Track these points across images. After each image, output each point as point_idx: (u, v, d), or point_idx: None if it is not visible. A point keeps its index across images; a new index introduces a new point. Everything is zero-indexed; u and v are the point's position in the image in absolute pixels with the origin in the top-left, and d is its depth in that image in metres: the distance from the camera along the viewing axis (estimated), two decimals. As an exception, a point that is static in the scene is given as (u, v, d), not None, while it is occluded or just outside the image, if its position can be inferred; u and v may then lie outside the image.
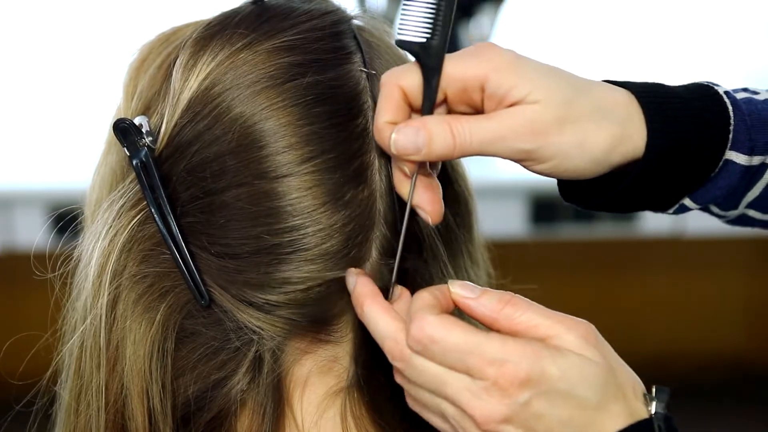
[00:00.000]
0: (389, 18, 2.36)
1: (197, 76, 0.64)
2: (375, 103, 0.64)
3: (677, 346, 2.79)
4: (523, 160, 0.61)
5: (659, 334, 2.78)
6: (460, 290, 0.59)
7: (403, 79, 0.59)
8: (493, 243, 0.77)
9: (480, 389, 0.56)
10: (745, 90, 0.67)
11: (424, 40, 0.59)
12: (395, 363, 0.59)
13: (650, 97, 0.63)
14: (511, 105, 0.59)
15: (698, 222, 2.10)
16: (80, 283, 0.66)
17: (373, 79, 0.65)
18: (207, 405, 0.64)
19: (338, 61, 0.65)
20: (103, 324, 0.64)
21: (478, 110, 0.61)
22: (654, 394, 0.59)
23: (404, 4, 0.60)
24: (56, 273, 0.69)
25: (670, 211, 0.67)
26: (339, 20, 0.68)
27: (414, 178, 0.60)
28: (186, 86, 0.64)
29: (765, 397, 2.73)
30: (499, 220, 2.06)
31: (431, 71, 0.59)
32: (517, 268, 0.80)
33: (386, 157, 0.63)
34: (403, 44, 0.60)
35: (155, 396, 0.63)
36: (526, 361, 0.55)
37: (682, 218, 2.08)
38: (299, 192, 0.62)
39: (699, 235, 2.12)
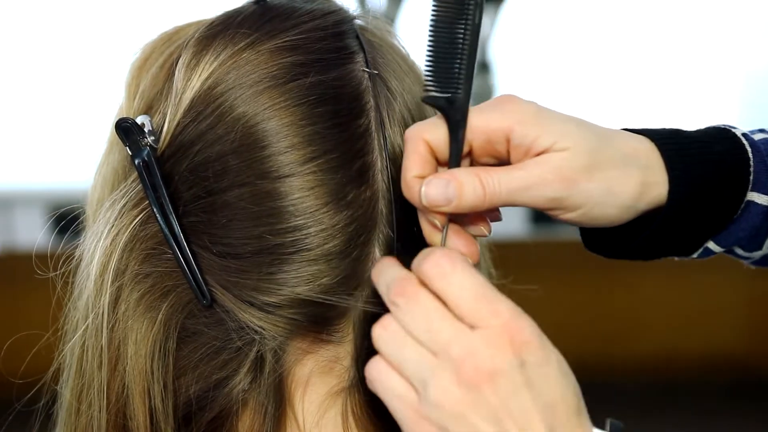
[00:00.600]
0: (390, 18, 2.36)
1: (200, 75, 0.64)
2: (377, 102, 0.64)
3: (677, 347, 2.79)
4: (553, 208, 0.61)
5: (659, 334, 2.78)
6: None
7: (428, 133, 0.60)
8: (493, 243, 0.77)
9: (480, 338, 0.55)
10: (762, 131, 0.69)
11: (449, 95, 0.60)
12: (397, 300, 0.57)
13: (670, 143, 0.64)
14: (539, 154, 0.60)
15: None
16: (82, 282, 0.66)
17: (376, 79, 0.65)
18: (208, 405, 0.64)
19: (341, 61, 0.65)
20: (104, 323, 0.64)
21: (502, 161, 0.62)
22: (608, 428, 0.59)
23: (427, 61, 0.61)
24: (57, 273, 0.69)
25: (695, 255, 0.68)
26: (341, 20, 0.68)
27: (446, 229, 0.61)
28: (188, 86, 0.65)
29: (765, 397, 2.73)
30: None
31: (457, 124, 0.60)
32: (517, 268, 0.80)
33: (389, 156, 0.63)
34: (428, 100, 0.61)
35: (157, 396, 0.63)
36: (533, 327, 0.56)
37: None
38: (301, 192, 0.62)
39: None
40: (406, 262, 0.60)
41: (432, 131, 0.60)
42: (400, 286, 0.57)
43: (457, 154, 0.60)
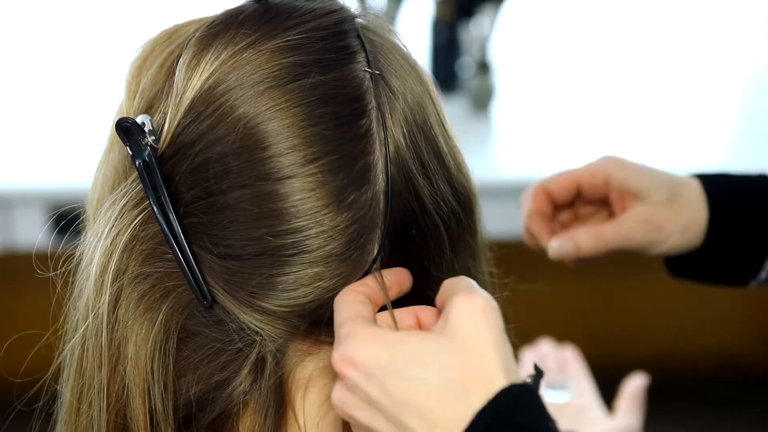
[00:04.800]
0: (390, 17, 2.36)
1: (200, 75, 0.64)
2: (378, 103, 0.64)
3: (677, 346, 2.79)
4: (646, 248, 0.88)
5: (659, 333, 2.78)
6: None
7: (549, 184, 0.89)
8: (493, 243, 0.77)
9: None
10: None
11: None
12: None
13: (714, 184, 0.89)
14: (631, 196, 0.87)
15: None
16: (82, 282, 0.66)
17: (377, 79, 0.65)
18: (209, 406, 0.64)
19: (342, 61, 0.64)
20: (104, 324, 0.63)
21: (603, 200, 0.89)
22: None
23: None
24: (57, 272, 0.68)
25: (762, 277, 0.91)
26: (343, 19, 0.67)
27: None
28: (189, 85, 0.64)
29: (765, 397, 2.73)
30: (499, 220, 2.06)
31: None
32: (517, 268, 0.80)
33: (390, 157, 0.63)
34: None
35: (157, 396, 0.63)
36: (358, 344, 0.58)
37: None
38: (302, 193, 0.61)
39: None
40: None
41: (553, 184, 0.89)
42: None
43: None
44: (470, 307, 0.58)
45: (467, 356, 0.56)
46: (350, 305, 0.61)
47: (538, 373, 0.60)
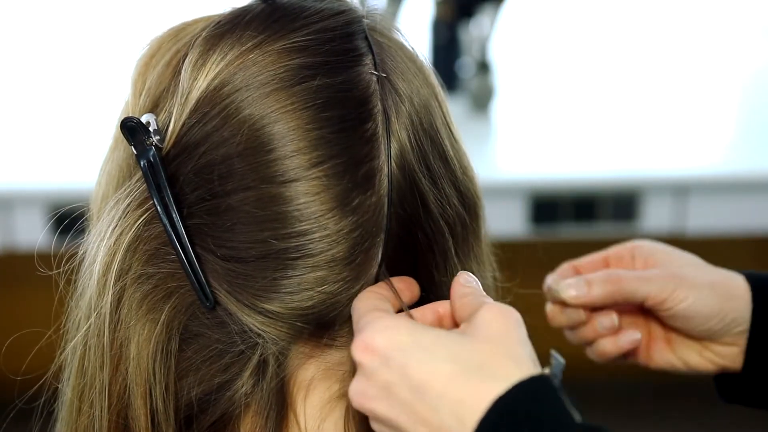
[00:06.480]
0: (390, 16, 2.36)
1: (206, 75, 0.64)
2: (384, 106, 0.63)
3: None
4: (664, 300, 0.78)
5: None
6: None
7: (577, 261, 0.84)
8: (493, 243, 0.77)
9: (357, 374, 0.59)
10: None
11: None
12: None
13: (759, 284, 0.79)
14: (652, 264, 0.80)
15: (699, 222, 2.10)
16: (84, 281, 0.65)
17: (384, 82, 0.64)
18: (210, 407, 0.64)
19: (349, 64, 0.64)
20: (107, 323, 0.63)
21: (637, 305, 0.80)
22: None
23: None
24: (57, 272, 0.68)
25: None
26: (351, 21, 0.67)
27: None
28: (195, 86, 0.64)
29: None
30: (499, 220, 2.06)
31: None
32: (517, 268, 0.80)
33: (394, 161, 0.63)
34: None
35: (158, 397, 0.63)
36: (377, 330, 0.58)
37: (683, 218, 2.08)
38: (307, 197, 0.61)
39: (699, 235, 2.11)
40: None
41: (580, 261, 0.84)
42: None
43: None
44: (497, 309, 0.58)
45: (492, 345, 0.56)
46: (368, 301, 0.61)
47: (558, 365, 0.60)
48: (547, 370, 0.58)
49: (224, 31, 0.65)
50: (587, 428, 0.54)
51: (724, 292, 0.78)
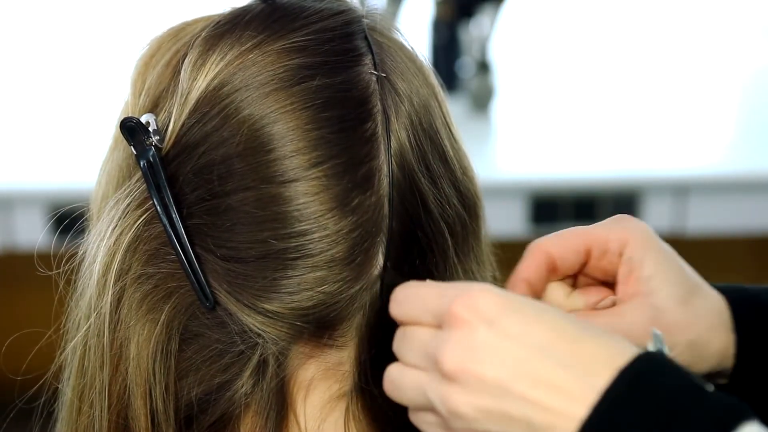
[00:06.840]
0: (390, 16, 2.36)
1: (206, 75, 0.64)
2: (384, 106, 0.63)
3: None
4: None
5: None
6: None
7: (553, 248, 0.63)
8: (493, 243, 0.77)
9: (445, 330, 0.54)
10: None
11: None
12: (394, 342, 0.59)
13: (738, 299, 0.66)
14: (640, 280, 0.63)
15: (698, 221, 2.10)
16: (84, 281, 0.65)
17: (383, 82, 0.65)
18: (210, 408, 0.64)
19: (348, 63, 0.64)
20: (106, 324, 0.63)
21: (607, 277, 0.65)
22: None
23: None
24: (58, 271, 0.68)
25: None
26: (350, 21, 0.67)
27: None
28: (194, 86, 0.64)
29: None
30: (499, 220, 2.06)
31: None
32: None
33: (394, 161, 0.63)
34: None
35: (158, 397, 0.63)
36: (484, 290, 0.54)
37: (682, 218, 2.08)
38: (306, 197, 0.61)
39: (699, 234, 2.12)
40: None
41: (557, 246, 0.63)
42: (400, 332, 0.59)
43: None
44: None
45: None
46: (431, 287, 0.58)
47: (657, 339, 0.57)
48: (651, 347, 0.56)
49: (224, 31, 0.66)
50: (726, 402, 0.50)
51: (702, 352, 0.65)
